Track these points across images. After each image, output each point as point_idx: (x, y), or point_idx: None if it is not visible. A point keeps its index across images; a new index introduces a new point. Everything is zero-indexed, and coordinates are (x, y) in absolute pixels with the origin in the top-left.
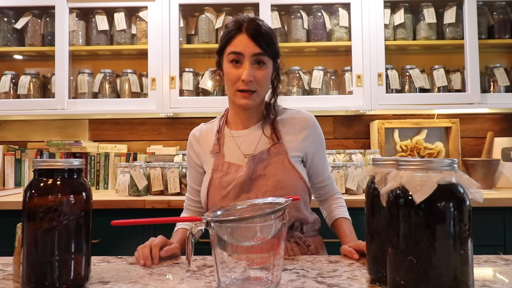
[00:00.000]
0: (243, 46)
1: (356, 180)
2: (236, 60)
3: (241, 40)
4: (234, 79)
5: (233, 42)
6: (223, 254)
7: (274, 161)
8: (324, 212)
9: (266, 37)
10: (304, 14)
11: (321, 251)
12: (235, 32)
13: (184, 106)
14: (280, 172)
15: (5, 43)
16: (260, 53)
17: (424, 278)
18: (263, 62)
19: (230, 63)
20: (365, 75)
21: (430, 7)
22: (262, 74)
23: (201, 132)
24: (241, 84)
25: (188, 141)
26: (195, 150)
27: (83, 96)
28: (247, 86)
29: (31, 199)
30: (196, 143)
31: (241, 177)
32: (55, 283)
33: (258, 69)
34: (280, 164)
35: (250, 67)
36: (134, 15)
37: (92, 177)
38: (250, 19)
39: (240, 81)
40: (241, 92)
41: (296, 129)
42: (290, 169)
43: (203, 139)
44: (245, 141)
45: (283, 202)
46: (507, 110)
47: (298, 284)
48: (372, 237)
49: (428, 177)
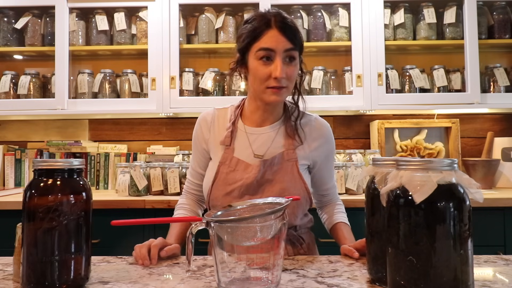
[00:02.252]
0: (275, 42)
1: (356, 180)
2: (267, 56)
3: (271, 36)
4: (265, 76)
5: (262, 39)
6: (223, 254)
7: (284, 167)
8: (324, 216)
9: (294, 30)
10: (304, 14)
11: (312, 247)
12: (264, 28)
13: (184, 106)
14: (288, 179)
15: (5, 43)
16: (291, 48)
17: (424, 278)
18: (293, 57)
19: (260, 60)
20: (365, 75)
21: (430, 7)
22: (292, 70)
23: (213, 118)
24: (272, 81)
25: (197, 124)
26: (204, 136)
27: (83, 96)
28: (279, 83)
29: (31, 199)
30: (206, 128)
31: (249, 178)
32: (55, 283)
33: (289, 65)
34: (289, 171)
35: (282, 64)
36: (134, 15)
37: (92, 177)
38: (276, 12)
39: (272, 78)
40: (272, 89)
41: (311, 136)
42: (297, 178)
43: (214, 126)
44: (257, 139)
45: (283, 202)
46: (507, 110)
47: (298, 284)
48: (372, 237)
49: (428, 177)
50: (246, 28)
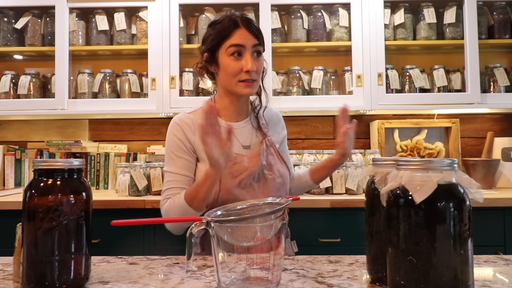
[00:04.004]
0: (244, 39)
1: (356, 180)
2: (238, 52)
3: (241, 34)
4: (236, 70)
5: (232, 37)
6: (223, 254)
7: (270, 152)
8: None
9: (258, 29)
10: (304, 14)
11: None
12: (233, 27)
13: (184, 106)
14: (277, 162)
15: (5, 43)
16: (258, 44)
17: (424, 278)
18: (260, 52)
19: (231, 56)
20: (365, 75)
21: (430, 7)
22: (260, 63)
23: (192, 121)
24: (244, 74)
25: (176, 128)
26: (189, 138)
27: (83, 96)
28: (250, 76)
29: (31, 199)
30: (190, 131)
31: (255, 166)
32: (55, 283)
33: (257, 60)
34: (275, 156)
35: (251, 58)
36: (134, 15)
37: (92, 177)
38: (241, 14)
39: (243, 72)
40: (244, 82)
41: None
42: (280, 159)
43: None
44: (242, 133)
45: (283, 202)
46: (507, 110)
47: (298, 284)
48: (372, 237)
49: (428, 177)
50: (215, 29)
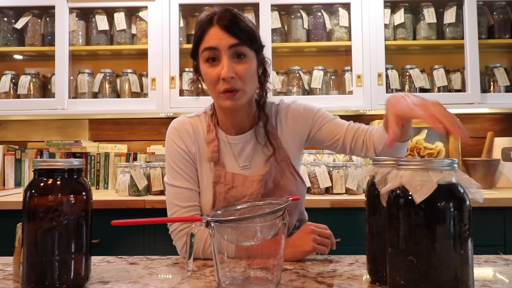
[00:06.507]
0: (218, 39)
1: (356, 180)
2: (212, 57)
3: (213, 34)
4: (214, 79)
5: (205, 38)
6: (223, 254)
7: (280, 169)
8: (371, 142)
9: (242, 26)
10: (304, 14)
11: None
12: (206, 26)
13: (184, 106)
14: (289, 182)
15: (5, 43)
16: (237, 44)
17: (424, 278)
18: (243, 54)
19: (206, 63)
20: (365, 75)
21: (430, 7)
22: (244, 67)
23: (193, 128)
24: (222, 84)
25: (175, 135)
26: (189, 150)
27: (83, 96)
28: (229, 85)
29: (31, 199)
30: (189, 140)
31: (253, 194)
32: (55, 283)
33: (238, 63)
34: (287, 173)
35: (228, 62)
36: (134, 15)
37: (92, 177)
38: (221, 9)
39: (221, 80)
40: (224, 93)
41: (302, 118)
42: (295, 175)
43: (197, 138)
44: (241, 149)
45: (283, 202)
46: (507, 110)
47: (298, 284)
48: (372, 237)
49: (428, 177)
50: (195, 31)
